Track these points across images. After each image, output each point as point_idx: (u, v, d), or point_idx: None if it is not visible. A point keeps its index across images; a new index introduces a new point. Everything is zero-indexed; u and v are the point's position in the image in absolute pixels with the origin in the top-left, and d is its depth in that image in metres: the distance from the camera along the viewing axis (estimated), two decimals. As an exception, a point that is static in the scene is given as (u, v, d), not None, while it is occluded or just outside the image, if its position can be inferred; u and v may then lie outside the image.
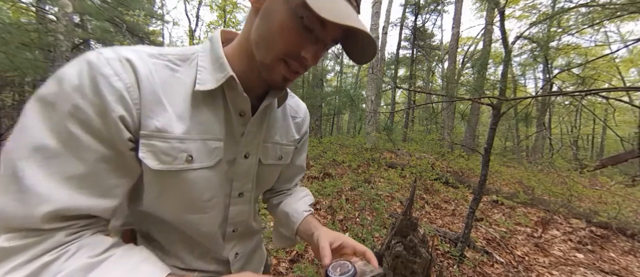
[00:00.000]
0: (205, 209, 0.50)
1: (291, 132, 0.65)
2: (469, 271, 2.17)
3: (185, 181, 0.45)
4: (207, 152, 0.47)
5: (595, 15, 2.17)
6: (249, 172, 0.55)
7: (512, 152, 11.05)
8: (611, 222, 3.25)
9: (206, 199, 0.49)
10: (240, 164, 0.53)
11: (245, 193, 0.57)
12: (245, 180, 0.55)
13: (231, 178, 0.53)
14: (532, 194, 4.21)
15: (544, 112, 6.79)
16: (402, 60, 13.46)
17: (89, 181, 0.38)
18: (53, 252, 0.35)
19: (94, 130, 0.37)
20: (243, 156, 0.53)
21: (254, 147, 0.54)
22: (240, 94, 0.48)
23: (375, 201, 3.04)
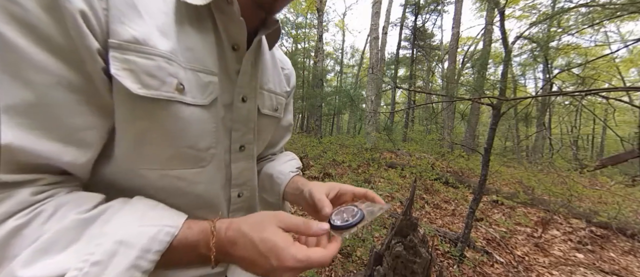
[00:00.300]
0: (201, 161, 0.39)
1: (282, 82, 0.58)
2: (469, 271, 2.17)
3: (177, 117, 0.35)
4: (199, 86, 0.37)
5: (595, 15, 2.17)
6: (249, 119, 0.47)
7: (512, 152, 11.05)
8: (611, 222, 3.25)
9: (203, 148, 0.39)
10: (238, 109, 0.44)
11: (247, 146, 0.48)
12: (246, 129, 0.47)
13: (229, 127, 0.44)
14: (532, 194, 4.21)
15: (544, 112, 6.79)
16: (402, 60, 13.46)
17: (42, 116, 0.27)
18: (20, 215, 0.27)
19: (42, 35, 0.26)
20: (241, 98, 0.44)
21: (251, 90, 0.46)
22: (235, 17, 0.38)
23: (375, 201, 3.04)
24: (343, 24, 20.38)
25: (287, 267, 0.32)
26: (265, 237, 0.33)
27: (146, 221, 0.31)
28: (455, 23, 9.98)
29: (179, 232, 0.32)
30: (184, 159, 0.37)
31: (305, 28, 13.14)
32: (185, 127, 0.36)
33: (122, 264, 0.28)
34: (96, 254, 0.27)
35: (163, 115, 0.34)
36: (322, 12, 9.99)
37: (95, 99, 0.30)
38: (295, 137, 9.26)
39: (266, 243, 0.33)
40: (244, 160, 0.48)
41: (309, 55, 12.93)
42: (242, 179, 0.49)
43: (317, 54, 10.37)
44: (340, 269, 1.99)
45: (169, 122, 0.34)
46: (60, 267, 0.26)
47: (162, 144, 0.35)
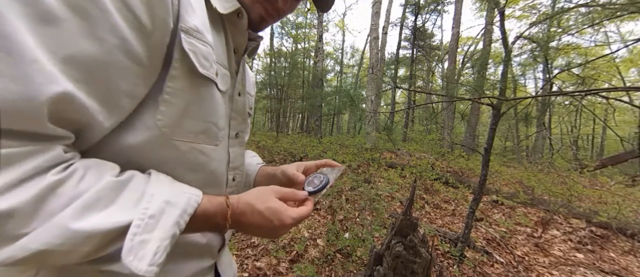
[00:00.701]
0: (218, 138, 0.46)
1: (252, 87, 0.70)
2: (469, 271, 2.17)
3: (213, 96, 0.42)
4: (221, 75, 0.45)
5: (595, 15, 2.17)
6: (243, 111, 0.55)
7: (512, 152, 11.05)
8: (611, 222, 3.25)
9: (221, 127, 0.46)
10: (236, 101, 0.53)
11: (240, 134, 0.55)
12: (241, 119, 0.55)
13: (229, 116, 0.51)
14: (532, 194, 4.21)
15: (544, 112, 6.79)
16: (402, 60, 13.46)
17: (97, 74, 0.29)
18: (58, 171, 0.28)
19: (130, 5, 0.30)
20: (237, 93, 0.53)
21: (243, 88, 0.55)
22: (243, 29, 0.48)
23: (375, 201, 3.04)
24: (343, 24, 20.38)
25: (287, 224, 0.43)
26: (268, 205, 0.43)
27: (177, 187, 0.37)
28: (455, 23, 9.98)
29: (201, 201, 0.38)
30: (209, 134, 0.43)
31: (305, 28, 13.13)
32: (215, 106, 0.43)
33: (170, 220, 0.33)
34: (151, 209, 0.32)
35: (206, 93, 0.41)
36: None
37: (144, 70, 0.33)
38: (295, 137, 9.25)
39: (269, 210, 0.42)
40: (238, 146, 0.55)
41: (309, 55, 12.92)
42: (237, 163, 0.55)
43: (317, 54, 10.37)
44: (340, 269, 1.99)
45: (207, 99, 0.42)
46: (122, 218, 0.30)
47: (199, 118, 0.41)
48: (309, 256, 2.16)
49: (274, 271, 1.94)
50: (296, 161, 4.71)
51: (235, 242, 2.29)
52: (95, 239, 0.29)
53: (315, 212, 3.09)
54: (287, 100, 12.11)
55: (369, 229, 2.50)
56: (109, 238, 0.30)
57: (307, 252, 2.21)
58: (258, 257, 2.11)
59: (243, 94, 0.55)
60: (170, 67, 0.36)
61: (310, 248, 2.28)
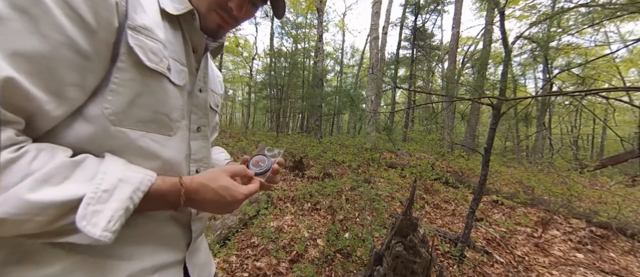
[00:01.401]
0: (171, 129, 0.48)
1: (218, 86, 0.72)
2: (469, 271, 2.17)
3: (163, 89, 0.45)
4: (176, 71, 0.48)
5: (595, 15, 2.17)
6: (205, 106, 0.58)
7: (512, 152, 11.05)
8: (611, 222, 3.25)
9: (174, 119, 0.48)
10: (197, 97, 0.55)
11: (203, 128, 0.57)
12: (202, 114, 0.57)
13: (190, 111, 0.53)
14: (532, 194, 4.21)
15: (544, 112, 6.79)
16: (402, 60, 13.46)
17: (43, 67, 0.32)
18: (10, 151, 0.31)
19: (71, 4, 0.33)
20: (198, 89, 0.55)
21: (205, 85, 0.58)
22: (196, 28, 0.51)
23: (375, 201, 3.04)
24: (343, 24, 20.37)
25: (238, 200, 0.48)
26: (220, 184, 0.47)
27: (131, 168, 0.40)
28: (455, 23, 9.98)
29: (154, 181, 0.41)
30: (160, 123, 0.45)
31: (305, 28, 13.13)
32: (166, 98, 0.46)
33: (123, 195, 0.36)
34: (103, 185, 0.35)
35: (156, 86, 0.44)
36: (322, 12, 9.99)
37: (92, 64, 0.36)
38: (295, 137, 9.25)
39: (222, 187, 0.47)
40: (201, 139, 0.57)
41: (309, 55, 12.92)
42: (199, 155, 0.57)
43: (317, 54, 10.37)
44: (340, 269, 1.99)
45: (158, 92, 0.44)
46: (75, 191, 0.33)
47: (148, 108, 0.43)
48: (309, 256, 2.16)
49: (274, 271, 1.94)
50: (296, 161, 4.71)
51: (235, 242, 2.29)
52: (50, 210, 0.31)
53: (316, 212, 3.09)
54: (287, 100, 12.11)
55: (369, 229, 2.50)
56: (64, 210, 0.32)
57: (307, 252, 2.21)
58: (258, 257, 2.11)
59: (205, 91, 0.58)
60: (118, 60, 0.39)
61: (310, 248, 2.28)
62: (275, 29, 13.56)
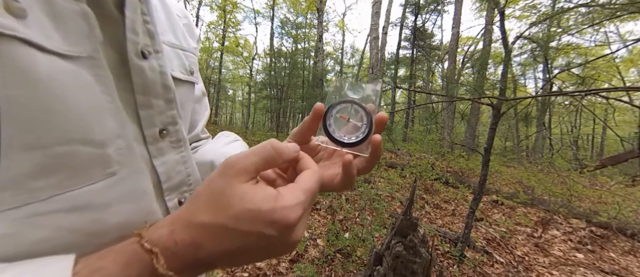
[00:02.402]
0: (107, 164, 0.24)
1: (184, 35, 0.44)
2: (469, 271, 2.17)
3: (30, 75, 0.19)
4: (55, 17, 0.21)
5: (595, 15, 2.17)
6: (163, 85, 0.31)
7: (512, 152, 11.05)
8: (611, 222, 3.25)
9: (104, 139, 0.23)
10: (138, 68, 0.28)
11: (170, 128, 0.32)
12: (162, 102, 0.31)
13: (131, 100, 0.28)
14: (532, 194, 4.21)
15: (544, 112, 6.79)
16: (402, 60, 13.46)
17: None
18: None
19: None
20: (139, 52, 0.28)
21: (152, 39, 0.30)
22: None
23: (375, 201, 3.04)
24: (343, 24, 20.38)
25: (291, 225, 0.23)
26: (239, 211, 0.23)
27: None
28: (455, 23, 9.98)
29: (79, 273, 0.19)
30: (70, 166, 0.21)
31: (305, 28, 13.14)
32: (56, 96, 0.20)
33: None
34: None
35: (10, 64, 0.18)
36: (322, 12, 9.99)
37: None
38: (295, 137, 9.23)
39: (246, 217, 0.23)
40: (172, 150, 0.33)
41: (309, 55, 12.93)
42: (177, 179, 0.33)
43: (317, 54, 10.37)
44: (340, 269, 1.99)
45: (23, 83, 0.18)
46: None
47: (25, 136, 0.19)
48: (309, 256, 2.16)
49: (274, 271, 1.94)
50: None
51: (235, 242, 2.30)
52: None
53: (315, 212, 3.09)
54: (287, 100, 12.12)
55: (369, 229, 2.50)
56: None
57: (307, 252, 2.21)
58: (258, 257, 2.11)
59: (155, 52, 0.30)
60: None
61: (310, 248, 2.28)
62: (275, 29, 13.59)
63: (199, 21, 14.23)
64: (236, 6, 14.46)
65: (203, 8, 14.34)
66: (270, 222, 0.23)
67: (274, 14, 13.85)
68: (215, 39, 15.88)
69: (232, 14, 14.86)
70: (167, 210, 0.32)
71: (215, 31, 15.48)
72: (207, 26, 15.51)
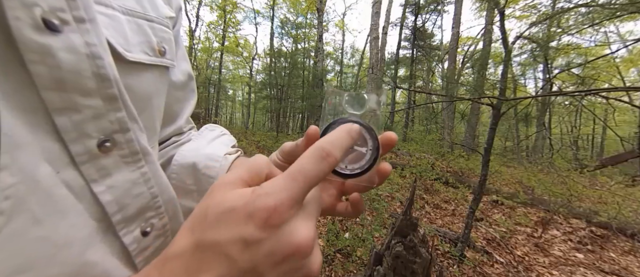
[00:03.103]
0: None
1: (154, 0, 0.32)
2: (469, 271, 2.17)
3: None
4: None
5: (595, 15, 2.17)
6: (93, 72, 0.21)
7: (512, 152, 11.05)
8: (611, 222, 3.25)
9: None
10: (36, 49, 0.18)
11: (117, 137, 0.23)
12: (100, 98, 0.21)
13: (33, 101, 0.19)
14: (532, 194, 4.21)
15: (544, 112, 6.80)
16: (402, 60, 13.46)
17: None
18: None
19: None
20: (38, 20, 0.17)
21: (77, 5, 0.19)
22: None
23: (375, 201, 3.04)
24: (343, 24, 20.38)
25: (272, 214, 0.17)
26: (212, 219, 0.19)
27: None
28: (455, 23, 9.99)
29: None
30: None
31: (305, 28, 13.14)
32: None
33: None
34: None
35: None
36: (322, 12, 10.00)
37: None
38: (296, 137, 9.25)
39: (222, 221, 0.18)
40: (124, 167, 0.24)
41: (309, 55, 12.93)
42: (136, 204, 0.25)
43: (317, 54, 10.38)
44: (340, 269, 1.99)
45: None
46: None
47: None
48: (309, 256, 2.16)
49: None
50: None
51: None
52: None
53: (315, 212, 3.09)
54: (287, 100, 12.12)
55: (369, 229, 2.50)
56: None
57: (307, 252, 2.21)
58: (258, 257, 2.11)
59: (77, 21, 0.20)
60: None
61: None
62: (275, 29, 13.59)
63: (199, 21, 14.23)
64: (236, 6, 14.46)
65: (203, 8, 14.33)
66: (247, 217, 0.17)
67: (274, 14, 13.87)
68: (215, 39, 15.89)
69: (232, 14, 14.86)
70: (123, 248, 0.24)
71: (215, 31, 15.49)
72: (207, 26, 15.53)
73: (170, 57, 0.33)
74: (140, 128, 0.25)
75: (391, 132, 0.28)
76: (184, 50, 0.42)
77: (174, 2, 0.37)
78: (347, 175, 0.27)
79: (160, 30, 0.31)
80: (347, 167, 0.28)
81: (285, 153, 0.30)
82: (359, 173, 0.27)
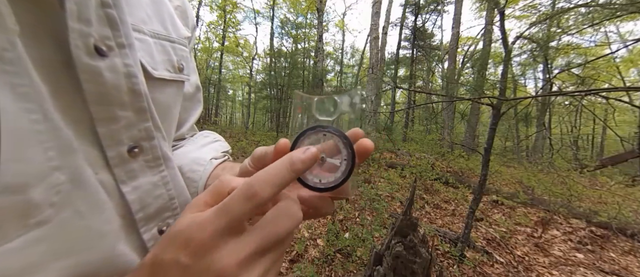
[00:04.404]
0: (30, 213, 0.18)
1: (173, 21, 0.36)
2: (469, 271, 2.17)
3: None
4: None
5: (595, 15, 2.17)
6: (131, 89, 0.25)
7: (512, 152, 11.05)
8: (611, 222, 3.25)
9: (18, 183, 0.17)
10: (89, 71, 0.21)
11: (144, 144, 0.26)
12: (130, 113, 0.25)
13: (84, 114, 0.22)
14: (532, 194, 4.21)
15: (544, 112, 6.80)
16: (402, 60, 13.47)
17: None
18: None
19: None
20: (91, 47, 0.21)
21: (111, 26, 0.23)
22: None
23: (375, 201, 3.04)
24: (343, 24, 20.37)
25: (198, 245, 0.19)
26: (162, 241, 0.21)
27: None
28: (455, 23, 9.99)
29: None
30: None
31: (305, 28, 13.14)
32: None
33: None
34: None
35: None
36: (322, 12, 10.00)
37: None
38: (295, 137, 9.23)
39: (165, 244, 0.20)
40: (148, 170, 0.27)
41: (309, 55, 12.94)
42: (155, 205, 0.28)
43: (317, 54, 10.38)
44: (340, 269, 1.99)
45: None
46: None
47: None
48: (309, 256, 2.16)
49: (274, 271, 1.94)
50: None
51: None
52: None
53: (315, 212, 3.09)
54: (287, 100, 12.13)
55: (369, 229, 2.50)
56: None
57: (307, 252, 2.21)
58: (258, 257, 2.11)
59: (119, 47, 0.23)
60: None
61: (310, 248, 2.28)
62: (275, 29, 13.59)
63: (199, 21, 14.22)
64: (236, 6, 14.46)
65: (203, 8, 14.32)
66: (183, 243, 0.19)
67: (274, 14, 13.87)
68: (215, 39, 15.89)
69: (232, 14, 14.86)
70: (142, 244, 0.27)
71: (215, 31, 15.48)
72: (207, 26, 15.52)
73: (187, 73, 0.37)
74: (163, 136, 0.29)
75: (366, 140, 0.25)
76: (194, 64, 0.46)
77: (190, 22, 0.41)
78: (319, 189, 0.25)
79: (180, 50, 0.36)
80: (320, 181, 0.25)
81: (256, 159, 0.29)
82: (333, 187, 0.25)
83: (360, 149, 0.25)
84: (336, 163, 0.25)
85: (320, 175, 0.26)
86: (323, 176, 0.25)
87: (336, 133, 0.25)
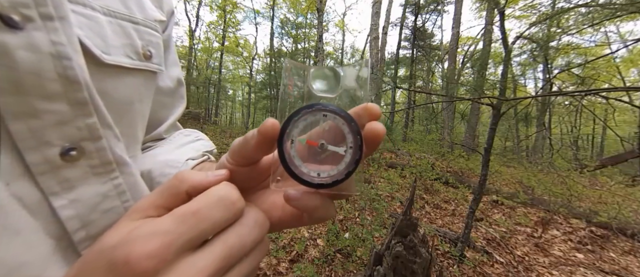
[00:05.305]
0: None
1: (140, 0, 0.30)
2: (469, 271, 2.17)
3: None
4: None
5: (595, 15, 2.17)
6: (59, 74, 0.19)
7: (512, 152, 11.05)
8: (611, 222, 3.25)
9: None
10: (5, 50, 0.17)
11: (85, 146, 0.21)
12: (62, 103, 0.19)
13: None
14: (532, 194, 4.21)
15: (544, 112, 6.80)
16: (402, 60, 13.47)
17: None
18: None
19: None
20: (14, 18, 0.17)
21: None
22: None
23: (375, 201, 3.04)
24: (343, 24, 20.38)
25: (136, 264, 0.15)
26: (85, 255, 0.18)
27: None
28: (455, 23, 9.99)
29: None
30: None
31: (305, 28, 13.15)
32: None
33: None
34: None
35: None
36: (322, 12, 10.00)
37: None
38: (295, 137, 9.23)
39: (89, 260, 0.17)
40: (93, 178, 0.22)
41: (309, 55, 12.95)
42: (104, 220, 0.23)
43: (317, 54, 10.38)
44: (340, 269, 1.99)
45: None
46: None
47: None
48: (309, 256, 2.16)
49: (274, 271, 1.94)
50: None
51: (235, 242, 2.30)
52: None
53: (315, 212, 3.09)
54: (287, 100, 12.13)
55: (369, 229, 2.50)
56: None
57: (307, 252, 2.21)
58: (258, 257, 2.11)
59: (44, 19, 0.18)
60: None
61: (310, 248, 2.28)
62: (275, 29, 13.60)
63: (199, 21, 14.23)
64: (236, 6, 14.46)
65: (203, 8, 14.33)
66: (109, 264, 0.15)
67: (274, 14, 13.87)
68: (215, 39, 15.90)
69: (232, 14, 14.87)
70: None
71: (215, 31, 15.49)
72: (207, 26, 15.53)
73: (158, 62, 0.31)
74: (115, 136, 0.23)
75: (376, 124, 0.19)
76: (175, 56, 0.40)
77: (165, 6, 0.35)
78: (319, 185, 0.20)
79: (146, 34, 0.29)
80: (319, 176, 0.20)
81: (234, 153, 0.23)
82: (336, 182, 0.19)
83: (369, 134, 0.19)
84: (340, 152, 0.20)
85: (318, 168, 0.20)
86: (322, 168, 0.20)
87: (340, 114, 0.19)
